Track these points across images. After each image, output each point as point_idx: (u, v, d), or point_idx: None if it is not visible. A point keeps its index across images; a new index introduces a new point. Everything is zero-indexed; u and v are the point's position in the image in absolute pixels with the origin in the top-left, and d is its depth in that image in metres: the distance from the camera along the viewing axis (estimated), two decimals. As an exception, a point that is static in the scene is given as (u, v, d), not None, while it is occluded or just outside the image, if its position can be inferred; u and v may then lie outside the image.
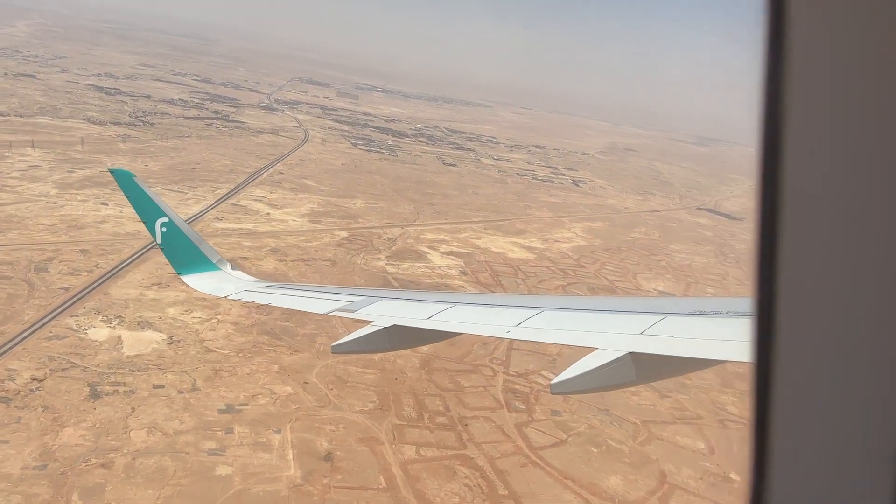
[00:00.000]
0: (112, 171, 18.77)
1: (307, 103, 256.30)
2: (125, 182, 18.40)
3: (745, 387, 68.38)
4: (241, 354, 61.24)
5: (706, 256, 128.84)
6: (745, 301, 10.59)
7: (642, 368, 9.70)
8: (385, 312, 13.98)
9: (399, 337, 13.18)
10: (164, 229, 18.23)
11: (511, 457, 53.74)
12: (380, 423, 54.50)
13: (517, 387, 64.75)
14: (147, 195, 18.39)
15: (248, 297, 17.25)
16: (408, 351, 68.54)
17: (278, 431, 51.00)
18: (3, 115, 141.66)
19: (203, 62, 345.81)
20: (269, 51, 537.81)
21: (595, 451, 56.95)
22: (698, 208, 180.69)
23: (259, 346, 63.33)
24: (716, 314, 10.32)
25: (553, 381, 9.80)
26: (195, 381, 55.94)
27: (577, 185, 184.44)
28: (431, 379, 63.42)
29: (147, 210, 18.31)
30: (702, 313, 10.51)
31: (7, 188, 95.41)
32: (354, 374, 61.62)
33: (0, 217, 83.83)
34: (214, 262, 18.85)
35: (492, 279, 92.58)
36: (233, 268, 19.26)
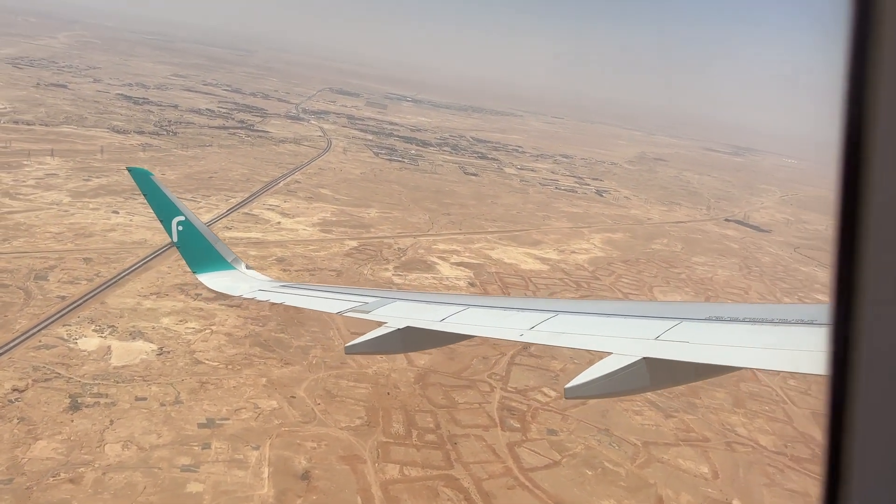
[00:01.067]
0: (130, 170, 18.95)
1: (334, 113, 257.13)
2: (143, 181, 18.52)
3: (757, 407, 65.21)
4: (230, 367, 60.20)
5: (729, 269, 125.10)
6: (763, 307, 10.67)
7: (657, 374, 9.55)
8: (399, 314, 13.88)
9: (412, 338, 13.09)
10: (180, 228, 18.37)
11: (499, 478, 51.70)
12: (365, 441, 52.89)
13: (514, 404, 62.69)
14: (164, 194, 18.47)
15: (262, 297, 17.30)
16: (403, 364, 67.12)
17: (257, 448, 49.69)
18: (29, 125, 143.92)
19: (236, 73, 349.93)
20: (303, 61, 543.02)
21: (590, 473, 54.60)
22: (726, 219, 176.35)
23: (250, 359, 62.25)
24: (733, 320, 9.97)
25: (567, 386, 9.49)
26: (179, 393, 54.98)
27: (601, 196, 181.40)
28: (425, 394, 61.69)
29: (164, 208, 18.43)
30: (718, 319, 10.20)
31: (20, 196, 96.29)
32: (345, 388, 60.20)
33: (9, 225, 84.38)
34: (230, 261, 18.98)
35: (501, 291, 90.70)
36: (247, 267, 19.35)
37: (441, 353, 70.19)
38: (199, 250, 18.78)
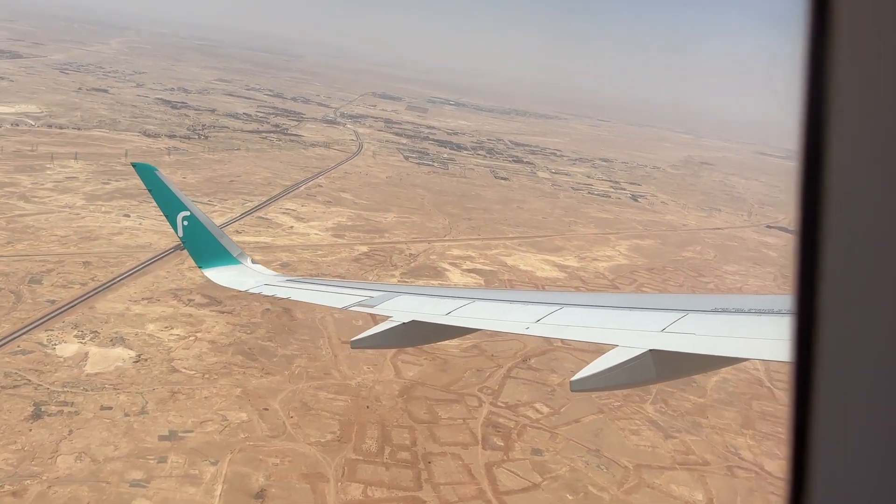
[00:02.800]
0: (134, 165, 19.09)
1: (373, 117, 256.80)
2: (147, 176, 18.59)
3: (768, 428, 60.65)
4: (206, 376, 58.70)
5: (763, 279, 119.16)
6: (769, 298, 10.80)
7: (663, 366, 9.61)
8: (404, 308, 13.88)
9: (418, 332, 13.09)
10: (185, 223, 18.41)
11: (470, 502, 48.81)
12: (332, 457, 50.63)
13: (501, 420, 59.65)
14: (169, 189, 18.53)
15: (267, 291, 17.34)
16: (390, 376, 64.70)
17: (215, 463, 47.89)
18: (61, 128, 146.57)
19: (281, 77, 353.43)
20: (350, 66, 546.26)
21: (570, 498, 51.27)
22: (768, 226, 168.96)
23: (229, 368, 60.67)
24: (738, 312, 10.02)
25: (573, 378, 9.61)
26: (147, 403, 53.64)
27: (636, 201, 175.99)
28: (407, 408, 59.15)
29: (169, 203, 18.47)
30: (724, 311, 10.30)
31: (35, 199, 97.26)
32: (323, 400, 58.10)
33: (17, 227, 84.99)
34: (235, 255, 19.07)
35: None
36: (253, 262, 19.52)
37: (433, 364, 67.73)
38: (205, 245, 18.80)
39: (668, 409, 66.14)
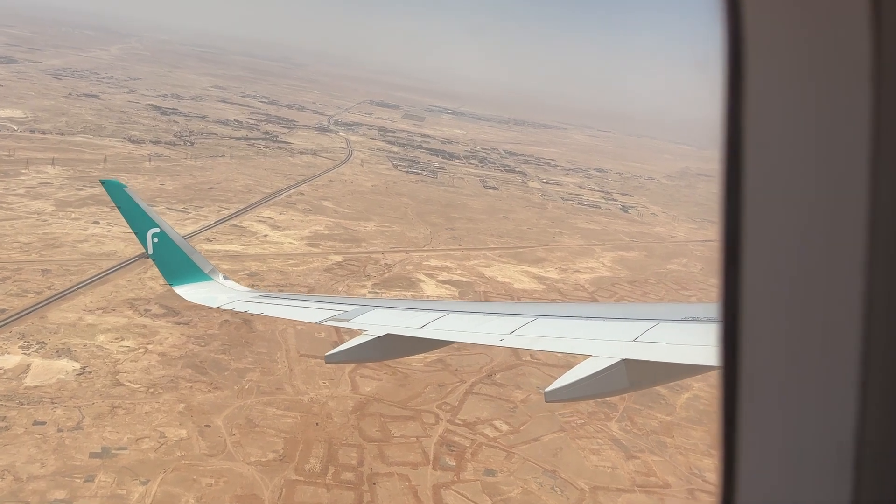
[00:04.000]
0: (103, 183, 18.86)
1: (367, 125, 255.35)
2: (116, 193, 18.40)
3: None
4: (151, 390, 56.78)
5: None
6: None
7: (636, 375, 9.71)
8: (378, 321, 13.87)
9: (392, 346, 13.08)
10: (155, 240, 18.18)
11: (410, 526, 46.89)
12: (270, 478, 48.62)
13: (457, 438, 57.58)
14: (138, 206, 18.31)
15: (240, 307, 17.19)
16: (346, 391, 62.68)
17: (145, 482, 45.92)
18: (44, 133, 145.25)
19: (279, 85, 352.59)
20: (351, 74, 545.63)
21: (519, 522, 49.23)
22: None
23: (176, 382, 58.74)
24: (709, 320, 10.08)
25: (547, 389, 9.68)
26: (83, 418, 51.75)
27: (626, 212, 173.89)
28: (359, 426, 57.14)
29: (138, 221, 18.24)
30: (695, 319, 10.37)
31: (4, 205, 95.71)
32: (270, 417, 56.10)
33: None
34: (206, 272, 18.90)
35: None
36: (225, 278, 19.33)
37: (393, 378, 65.76)
38: (176, 262, 18.55)
39: (634, 428, 63.98)
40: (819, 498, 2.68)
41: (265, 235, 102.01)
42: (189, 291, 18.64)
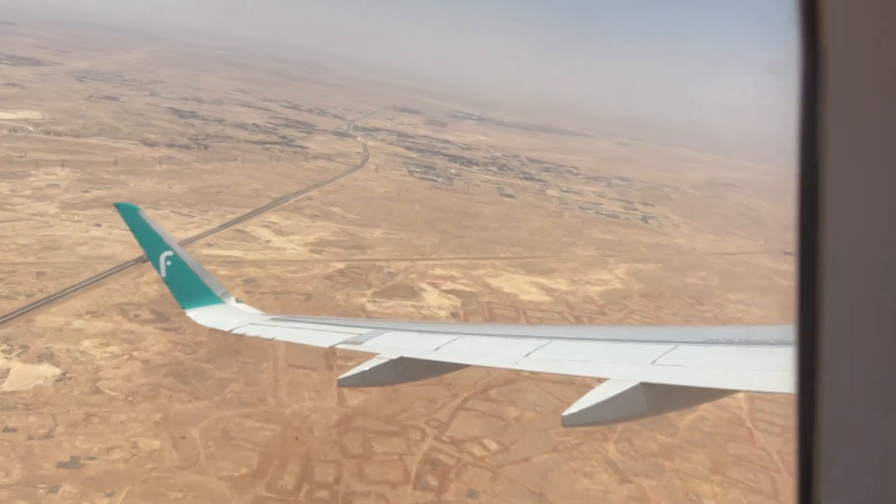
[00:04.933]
0: (118, 206, 19.26)
1: (387, 130, 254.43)
2: (130, 216, 18.70)
3: (739, 474, 55.52)
4: (129, 398, 55.40)
5: (767, 309, 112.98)
6: (760, 330, 10.98)
7: (654, 399, 9.60)
8: (391, 344, 13.86)
9: (406, 369, 13.02)
10: (168, 263, 18.51)
11: (383, 550, 44.82)
12: (241, 494, 46.88)
13: (442, 457, 55.37)
14: (152, 229, 18.64)
15: (252, 331, 17.23)
16: (332, 404, 60.77)
17: (110, 495, 44.42)
18: (59, 135, 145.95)
19: (302, 89, 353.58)
20: (377, 80, 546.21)
21: (498, 549, 46.92)
22: (784, 252, 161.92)
23: (156, 390, 57.32)
24: (729, 343, 9.99)
25: (564, 414, 9.27)
26: (56, 426, 50.46)
27: (645, 222, 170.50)
28: (340, 441, 55.18)
29: (152, 243, 18.56)
30: (714, 342, 10.22)
31: (7, 206, 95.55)
32: (248, 429, 54.38)
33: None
34: (219, 294, 18.95)
35: (485, 322, 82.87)
36: (237, 301, 19.44)
37: (382, 393, 63.67)
38: (188, 285, 18.79)
39: (632, 450, 61.28)
40: None
41: (268, 241, 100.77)
42: (201, 315, 18.53)
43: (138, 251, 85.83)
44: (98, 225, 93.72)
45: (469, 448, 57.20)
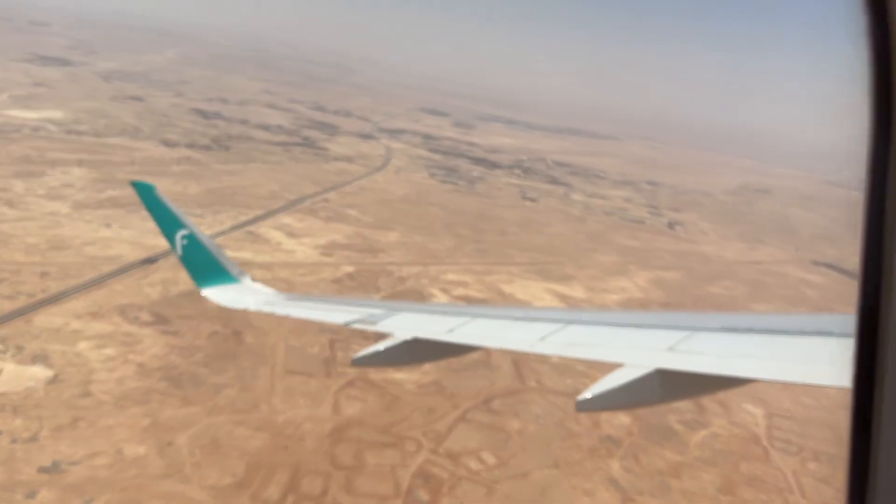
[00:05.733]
0: (133, 184, 19.40)
1: (412, 132, 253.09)
2: (146, 195, 19.03)
3: (751, 495, 52.84)
4: (119, 403, 54.38)
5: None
6: (780, 318, 11.05)
7: (670, 385, 9.58)
8: (406, 325, 13.98)
9: (419, 350, 13.16)
10: (184, 242, 18.64)
11: (365, 568, 43.05)
12: (223, 505, 45.49)
13: (436, 470, 53.46)
14: (168, 208, 18.90)
15: (267, 309, 17.61)
16: (327, 412, 59.12)
17: (89, 502, 43.33)
18: (80, 134, 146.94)
19: (329, 91, 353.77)
20: (408, 82, 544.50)
21: (487, 570, 44.89)
22: (814, 262, 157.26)
23: (148, 395, 56.26)
24: (749, 331, 9.84)
25: (579, 398, 9.39)
26: (42, 429, 49.56)
27: (672, 229, 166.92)
28: (332, 451, 53.56)
29: (168, 222, 18.80)
30: (734, 329, 10.04)
31: (21, 205, 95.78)
32: (238, 437, 53.03)
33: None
34: (234, 274, 19.20)
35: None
36: (252, 280, 19.68)
37: (380, 400, 62.12)
38: (204, 264, 18.91)
39: (637, 467, 58.81)
40: None
41: (279, 243, 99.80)
42: (217, 294, 18.66)
43: (145, 252, 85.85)
44: (108, 225, 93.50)
45: (465, 461, 55.22)
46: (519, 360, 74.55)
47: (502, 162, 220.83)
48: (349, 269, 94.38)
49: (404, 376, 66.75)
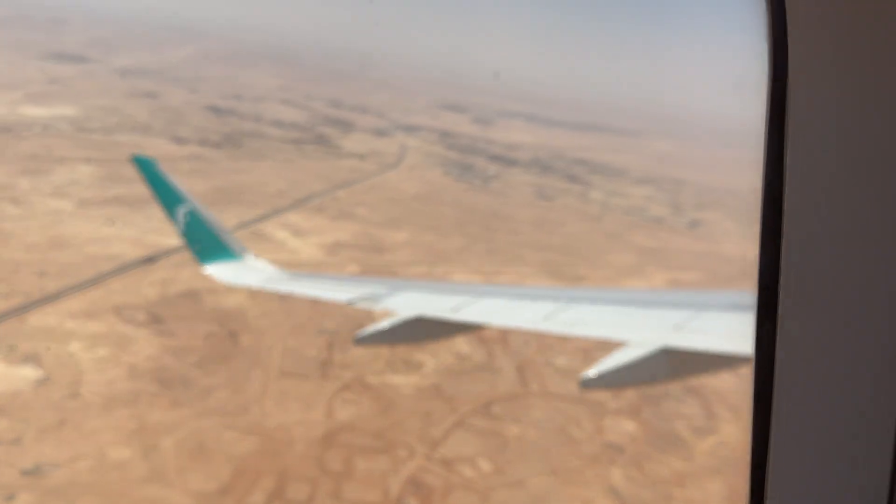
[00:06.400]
0: (135, 159, 19.64)
1: (429, 129, 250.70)
2: (147, 169, 19.10)
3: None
4: (108, 404, 53.58)
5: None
6: None
7: (675, 364, 9.91)
8: (410, 304, 14.02)
9: (423, 329, 13.23)
10: (186, 218, 18.50)
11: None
12: (204, 512, 44.35)
13: (429, 477, 51.96)
14: (168, 183, 18.90)
15: (270, 286, 17.86)
16: (319, 416, 57.75)
17: (65, 509, 42.39)
18: (90, 132, 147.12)
19: (348, 86, 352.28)
20: (430, 77, 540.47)
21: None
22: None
23: (138, 396, 55.38)
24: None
25: (584, 376, 9.78)
26: (27, 431, 48.89)
27: (694, 228, 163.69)
28: (322, 456, 52.24)
29: (169, 198, 18.73)
30: (739, 308, 10.11)
31: (25, 203, 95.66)
32: (226, 441, 51.93)
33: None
34: (236, 251, 19.24)
35: (490, 332, 78.64)
36: (255, 258, 19.56)
37: (376, 404, 60.71)
38: (205, 240, 18.86)
39: (640, 475, 56.83)
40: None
41: (283, 242, 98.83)
42: (219, 270, 18.70)
43: (146, 251, 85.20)
44: (111, 223, 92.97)
45: (460, 468, 53.64)
46: (523, 364, 72.80)
47: (520, 159, 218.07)
48: (352, 268, 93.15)
49: (402, 380, 65.36)
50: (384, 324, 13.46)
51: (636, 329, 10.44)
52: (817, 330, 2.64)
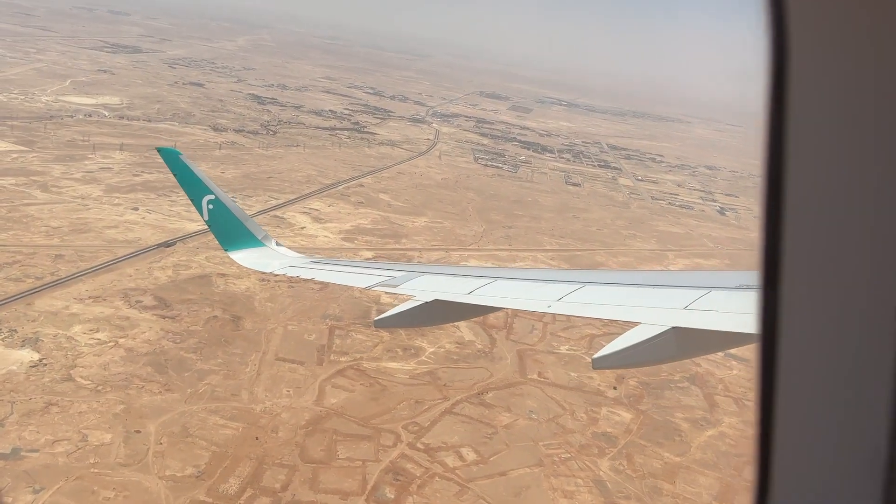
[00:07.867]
0: (160, 150, 19.74)
1: (466, 116, 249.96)
2: (172, 160, 19.32)
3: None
4: (98, 388, 54.63)
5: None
6: None
7: (685, 343, 9.69)
8: (427, 287, 14.07)
9: (440, 311, 13.29)
10: (210, 206, 18.91)
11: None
12: (177, 497, 44.91)
13: (410, 466, 51.72)
14: (194, 173, 19.14)
15: (292, 272, 17.85)
16: (308, 402, 58.00)
17: (38, 491, 43.38)
18: (130, 120, 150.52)
19: (392, 76, 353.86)
20: (473, 66, 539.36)
21: (440, 575, 42.94)
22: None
23: (130, 380, 56.37)
24: None
25: (595, 356, 9.69)
26: (12, 414, 50.06)
27: (722, 214, 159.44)
28: (304, 443, 52.41)
29: (194, 188, 18.99)
30: (748, 287, 10.13)
31: (54, 188, 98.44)
32: (209, 426, 52.49)
33: (14, 217, 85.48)
34: (259, 238, 19.57)
35: (495, 320, 77.61)
36: (278, 244, 20.11)
37: (367, 391, 60.75)
38: (230, 228, 19.26)
39: (629, 468, 55.61)
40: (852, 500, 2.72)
41: (302, 227, 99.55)
42: (243, 256, 19.10)
43: (166, 236, 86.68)
44: (135, 209, 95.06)
45: (442, 457, 53.25)
46: (524, 351, 71.98)
47: (553, 146, 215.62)
48: (368, 254, 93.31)
49: (398, 366, 65.25)
50: (402, 307, 13.39)
51: (646, 310, 10.40)
52: (821, 317, 2.66)
